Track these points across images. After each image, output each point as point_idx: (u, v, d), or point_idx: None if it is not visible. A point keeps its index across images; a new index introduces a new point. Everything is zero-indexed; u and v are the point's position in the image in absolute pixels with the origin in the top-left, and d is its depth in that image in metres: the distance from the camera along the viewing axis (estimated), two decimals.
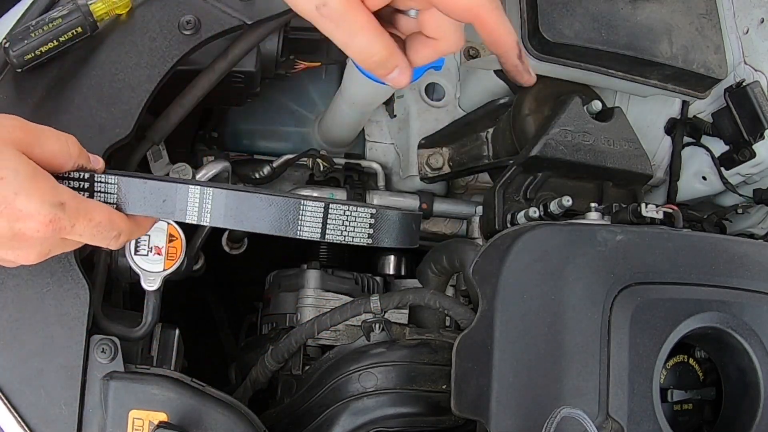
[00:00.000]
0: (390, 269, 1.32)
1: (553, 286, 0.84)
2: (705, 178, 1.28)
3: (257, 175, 1.18)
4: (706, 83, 1.11)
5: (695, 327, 0.86)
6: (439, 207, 1.25)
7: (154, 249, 0.83)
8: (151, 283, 0.83)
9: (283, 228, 0.66)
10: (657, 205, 0.97)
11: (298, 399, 1.04)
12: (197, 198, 0.68)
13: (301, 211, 0.66)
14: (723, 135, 1.22)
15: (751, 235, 1.34)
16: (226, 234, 1.19)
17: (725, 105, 1.20)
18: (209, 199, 0.67)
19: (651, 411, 0.82)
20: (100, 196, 0.70)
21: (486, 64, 1.14)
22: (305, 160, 1.21)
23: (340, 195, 1.20)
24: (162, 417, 0.79)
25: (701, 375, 0.94)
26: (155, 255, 0.83)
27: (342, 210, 0.67)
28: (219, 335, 1.72)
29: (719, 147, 1.24)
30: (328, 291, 1.15)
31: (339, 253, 1.39)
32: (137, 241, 0.82)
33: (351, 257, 1.41)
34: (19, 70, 0.82)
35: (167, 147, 1.03)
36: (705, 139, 1.26)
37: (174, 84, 0.90)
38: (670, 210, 0.97)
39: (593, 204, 0.98)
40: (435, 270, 1.13)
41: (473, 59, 1.14)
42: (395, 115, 1.24)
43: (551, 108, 1.08)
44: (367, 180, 1.27)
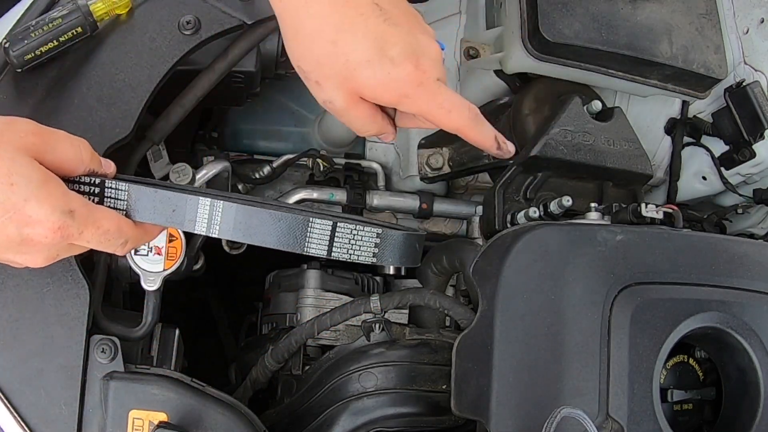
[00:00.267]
0: (390, 269, 1.32)
1: (553, 286, 0.84)
2: (705, 178, 1.27)
3: (257, 175, 1.18)
4: (706, 83, 1.11)
5: (695, 327, 0.86)
6: (439, 207, 1.24)
7: (154, 249, 0.83)
8: (151, 283, 0.83)
9: (291, 244, 0.67)
10: (657, 205, 0.97)
11: (298, 399, 1.04)
12: (207, 210, 0.68)
13: (309, 229, 0.67)
14: (723, 135, 1.22)
15: (751, 235, 1.34)
16: None
17: (725, 105, 1.20)
18: (219, 212, 0.68)
19: (651, 411, 0.82)
20: (110, 202, 0.70)
21: (486, 64, 1.14)
22: (305, 160, 1.21)
23: (340, 195, 1.20)
24: (162, 417, 0.79)
25: (701, 375, 0.94)
26: (155, 255, 0.83)
27: (349, 229, 0.68)
28: (219, 335, 1.72)
29: (719, 147, 1.24)
30: (328, 291, 1.15)
31: None
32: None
33: None
34: (19, 70, 0.82)
35: (167, 147, 1.03)
36: (705, 139, 1.26)
37: (174, 84, 0.90)
38: (670, 210, 0.97)
39: (593, 204, 0.98)
40: (435, 270, 1.13)
41: (473, 59, 1.14)
42: None
43: (551, 108, 1.08)
44: (367, 180, 1.27)
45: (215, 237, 0.69)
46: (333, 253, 0.68)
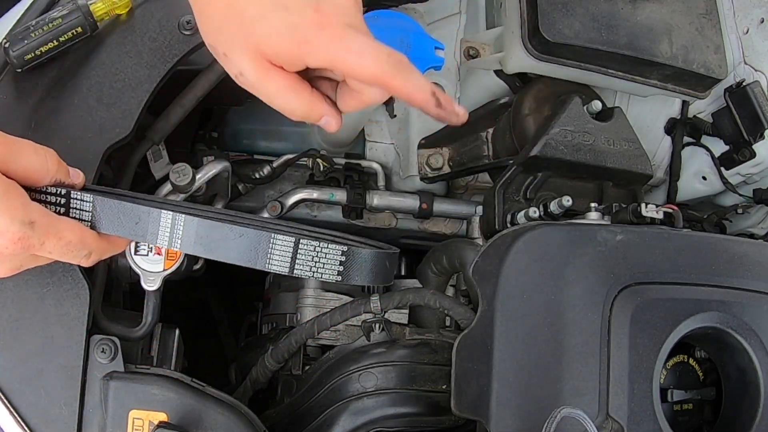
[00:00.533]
0: None
1: (553, 286, 0.84)
2: (705, 178, 1.27)
3: (257, 175, 1.18)
4: (706, 83, 1.11)
5: (695, 327, 0.86)
6: (439, 207, 1.24)
7: (154, 249, 0.83)
8: (151, 283, 0.83)
9: (252, 260, 0.67)
10: (657, 205, 0.97)
11: (298, 399, 1.04)
12: (169, 223, 0.68)
13: (271, 245, 0.67)
14: (723, 135, 1.22)
15: (751, 235, 1.34)
16: None
17: (725, 105, 1.20)
18: (181, 226, 0.68)
19: (651, 411, 0.82)
20: (75, 213, 0.70)
21: (486, 64, 1.14)
22: (305, 160, 1.21)
23: (340, 195, 1.20)
24: (162, 417, 0.79)
25: (701, 375, 0.94)
26: (155, 255, 0.82)
27: (312, 246, 0.67)
28: (219, 335, 1.72)
29: (719, 147, 1.24)
30: (328, 291, 1.15)
31: None
32: (137, 242, 0.82)
33: None
34: (19, 70, 0.82)
35: (167, 147, 1.03)
36: (705, 139, 1.26)
37: (174, 84, 0.90)
38: (670, 210, 0.97)
39: (593, 204, 0.98)
40: (435, 270, 1.13)
41: (473, 59, 1.14)
42: (395, 115, 1.22)
43: (551, 108, 1.08)
44: (367, 180, 1.27)
45: (177, 250, 0.69)
46: (295, 271, 0.67)
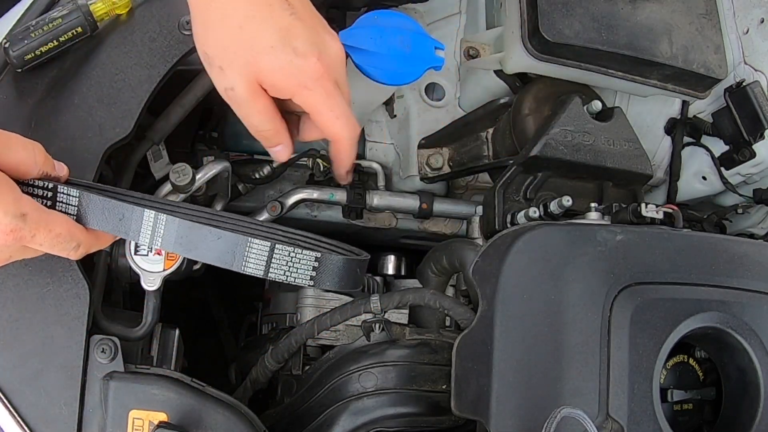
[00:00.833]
0: (390, 269, 1.32)
1: (553, 286, 0.84)
2: (705, 178, 1.27)
3: (257, 175, 1.18)
4: (706, 83, 1.11)
5: (695, 327, 0.86)
6: (439, 207, 1.24)
7: (154, 249, 0.83)
8: (151, 283, 0.83)
9: (229, 261, 0.70)
10: (657, 205, 0.97)
11: (298, 399, 1.04)
12: (151, 222, 0.70)
13: (248, 249, 0.69)
14: (723, 135, 1.22)
15: (751, 235, 1.34)
16: None
17: (725, 105, 1.20)
18: (162, 225, 0.70)
19: (651, 411, 0.82)
20: (61, 206, 0.71)
21: (486, 64, 1.14)
22: (305, 160, 1.21)
23: (340, 195, 1.20)
24: (162, 417, 0.79)
25: (701, 375, 0.94)
26: (155, 255, 0.83)
27: (287, 251, 0.70)
28: (219, 335, 1.72)
29: (719, 147, 1.24)
30: (327, 291, 1.15)
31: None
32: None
33: None
34: (19, 70, 0.82)
35: (167, 147, 1.03)
36: (705, 139, 1.26)
37: (174, 84, 0.90)
38: (670, 210, 0.97)
39: (593, 204, 0.98)
40: (435, 270, 1.13)
41: (473, 59, 1.14)
42: (395, 115, 1.24)
43: (551, 108, 1.08)
44: (367, 180, 1.27)
45: (159, 248, 0.71)
46: (270, 274, 0.70)
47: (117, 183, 0.94)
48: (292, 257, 0.70)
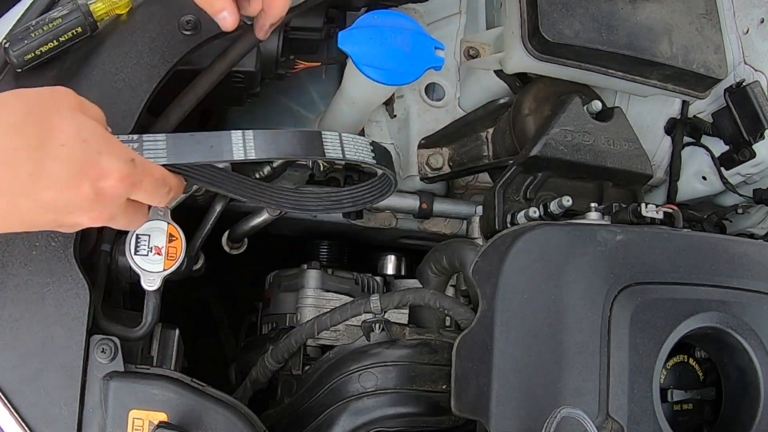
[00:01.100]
0: (390, 269, 1.32)
1: (553, 286, 0.84)
2: (705, 178, 1.28)
3: (257, 175, 1.18)
4: (706, 83, 1.11)
5: (695, 327, 0.86)
6: (439, 207, 1.24)
7: (154, 249, 0.83)
8: (151, 283, 0.83)
9: (313, 151, 0.82)
10: (657, 205, 0.97)
11: (298, 399, 1.04)
12: (240, 139, 0.79)
13: (323, 139, 0.82)
14: (723, 135, 1.22)
15: (751, 235, 1.34)
16: (226, 234, 1.19)
17: (725, 105, 1.20)
18: (251, 138, 0.79)
19: (651, 411, 0.82)
20: (149, 153, 0.76)
21: (486, 64, 1.14)
22: (305, 159, 1.21)
23: None
24: (162, 417, 0.79)
25: (701, 375, 0.94)
26: (155, 255, 0.83)
27: (351, 138, 0.84)
28: (219, 335, 1.72)
29: (719, 147, 1.24)
30: (328, 291, 1.15)
31: (339, 253, 1.39)
32: (137, 241, 0.82)
33: (351, 257, 1.41)
34: (19, 70, 0.82)
35: None
36: (705, 139, 1.26)
37: (174, 84, 0.90)
38: (670, 210, 0.97)
39: (593, 204, 0.98)
40: (435, 270, 1.13)
41: (473, 59, 1.14)
42: (395, 115, 1.24)
43: (551, 108, 1.08)
44: (367, 180, 1.27)
45: (253, 159, 0.78)
46: (347, 155, 0.82)
47: None
48: (355, 142, 0.84)
